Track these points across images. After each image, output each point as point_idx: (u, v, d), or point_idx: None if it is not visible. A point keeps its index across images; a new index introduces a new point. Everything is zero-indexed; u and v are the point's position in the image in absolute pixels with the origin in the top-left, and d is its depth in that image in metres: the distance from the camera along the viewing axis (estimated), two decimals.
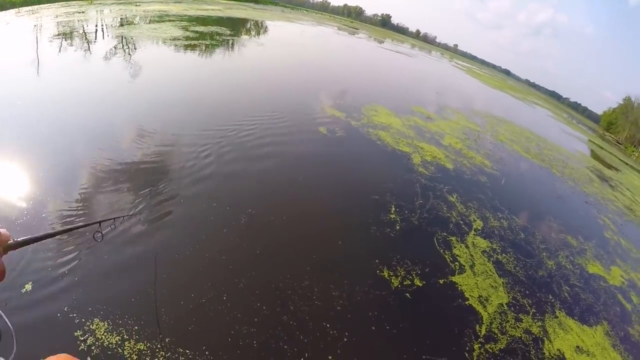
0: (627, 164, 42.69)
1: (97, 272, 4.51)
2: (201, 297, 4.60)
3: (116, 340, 3.80)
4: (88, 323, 3.90)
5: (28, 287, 4.11)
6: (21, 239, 0.86)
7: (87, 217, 5.36)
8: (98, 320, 3.95)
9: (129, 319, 4.06)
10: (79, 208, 5.55)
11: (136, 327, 3.99)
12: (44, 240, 0.86)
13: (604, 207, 15.82)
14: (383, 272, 6.03)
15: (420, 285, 6.05)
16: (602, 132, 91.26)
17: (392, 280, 5.92)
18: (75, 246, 4.80)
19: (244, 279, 5.05)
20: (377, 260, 6.27)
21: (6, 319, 0.83)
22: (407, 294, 5.76)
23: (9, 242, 0.78)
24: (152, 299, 4.37)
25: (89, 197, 5.86)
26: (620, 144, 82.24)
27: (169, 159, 7.46)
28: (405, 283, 5.97)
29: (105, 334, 3.85)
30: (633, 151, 76.27)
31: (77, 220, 5.23)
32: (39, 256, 4.52)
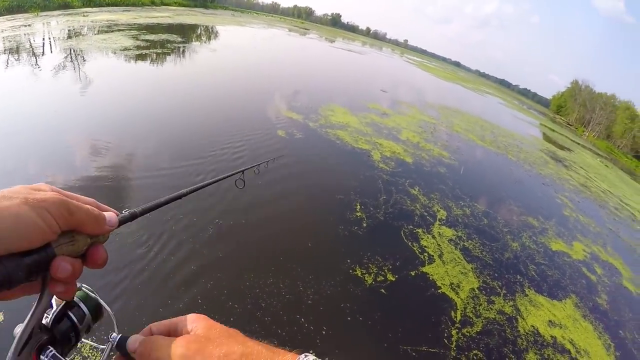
0: (578, 144, 44.37)
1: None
2: (178, 302, 4.52)
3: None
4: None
5: None
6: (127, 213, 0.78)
7: None
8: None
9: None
10: None
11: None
12: None
13: (561, 186, 16.38)
14: (356, 271, 6.02)
15: (393, 279, 6.07)
16: (553, 116, 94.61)
17: (366, 278, 5.91)
18: None
19: (211, 281, 4.97)
20: (348, 260, 6.23)
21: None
22: (382, 290, 5.77)
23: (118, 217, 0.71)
24: (132, 310, 4.24)
25: None
26: (570, 125, 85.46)
27: (124, 172, 7.24)
28: (378, 279, 5.97)
29: (91, 351, 3.72)
30: (583, 131, 79.39)
31: None
32: None
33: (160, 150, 8.36)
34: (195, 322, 0.66)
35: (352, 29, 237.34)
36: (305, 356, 0.55)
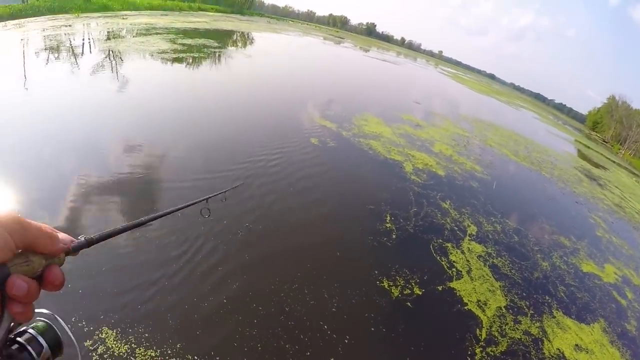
0: (614, 162, 43.22)
1: (95, 282, 4.49)
2: (203, 301, 4.67)
3: (126, 349, 3.85)
4: (97, 332, 3.93)
5: None
6: (84, 238, 0.79)
7: None
8: (107, 328, 3.97)
9: (138, 326, 4.10)
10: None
11: (146, 334, 4.03)
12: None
13: (594, 206, 16.05)
14: (383, 283, 6.09)
15: (420, 293, 6.11)
16: (588, 132, 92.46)
17: (392, 290, 5.98)
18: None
19: (237, 282, 5.13)
20: (376, 271, 6.31)
21: (67, 328, 0.81)
22: (408, 303, 5.83)
23: (72, 244, 0.72)
24: (159, 306, 4.41)
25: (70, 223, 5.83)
26: (606, 142, 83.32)
27: (158, 171, 7.44)
28: (405, 292, 6.02)
29: (115, 342, 3.89)
30: (619, 149, 77.28)
31: None
32: None
33: (195, 155, 8.60)
34: None
35: (386, 38, 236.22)
36: None
